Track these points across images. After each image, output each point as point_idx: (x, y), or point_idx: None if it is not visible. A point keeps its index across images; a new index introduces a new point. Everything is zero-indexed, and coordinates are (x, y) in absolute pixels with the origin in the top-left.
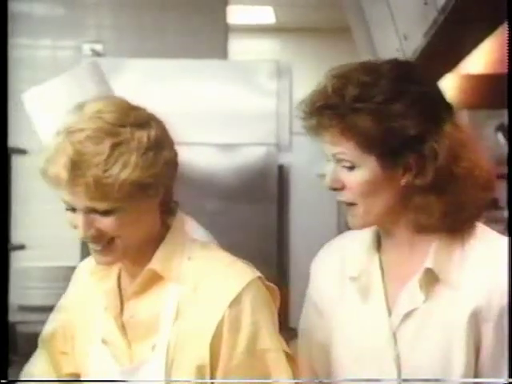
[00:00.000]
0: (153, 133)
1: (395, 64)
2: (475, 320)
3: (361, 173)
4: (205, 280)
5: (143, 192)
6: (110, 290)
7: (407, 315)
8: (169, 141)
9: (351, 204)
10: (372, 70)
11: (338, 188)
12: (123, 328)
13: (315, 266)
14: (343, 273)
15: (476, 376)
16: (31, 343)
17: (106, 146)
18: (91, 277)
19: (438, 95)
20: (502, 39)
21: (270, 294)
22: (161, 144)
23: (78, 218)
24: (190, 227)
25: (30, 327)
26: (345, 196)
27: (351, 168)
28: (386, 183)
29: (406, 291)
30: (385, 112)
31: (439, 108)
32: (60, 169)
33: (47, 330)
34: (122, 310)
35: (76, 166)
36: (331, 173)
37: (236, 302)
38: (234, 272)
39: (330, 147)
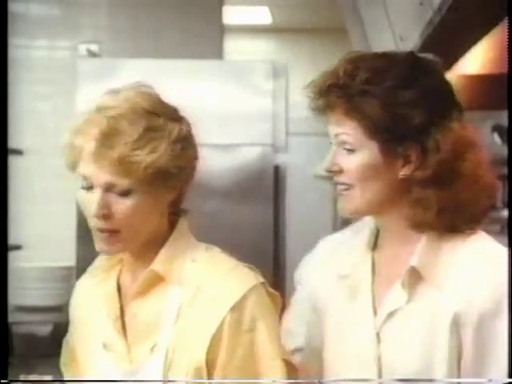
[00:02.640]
0: (184, 128)
1: (411, 55)
2: (456, 325)
3: (361, 157)
4: (207, 283)
5: (164, 181)
6: (109, 292)
7: (390, 315)
8: (194, 142)
9: (347, 187)
10: (386, 58)
11: (336, 171)
12: (123, 330)
13: (309, 266)
14: (336, 271)
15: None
16: (27, 344)
17: (139, 127)
18: (91, 280)
19: (449, 92)
20: (498, 39)
21: (272, 301)
22: (188, 141)
23: (95, 195)
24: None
25: (27, 328)
26: (342, 179)
27: (351, 151)
28: (385, 172)
29: (392, 290)
30: (393, 98)
31: (448, 104)
32: (89, 140)
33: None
34: (122, 312)
35: (106, 138)
36: (330, 155)
37: (238, 306)
38: (237, 276)
39: (333, 128)
